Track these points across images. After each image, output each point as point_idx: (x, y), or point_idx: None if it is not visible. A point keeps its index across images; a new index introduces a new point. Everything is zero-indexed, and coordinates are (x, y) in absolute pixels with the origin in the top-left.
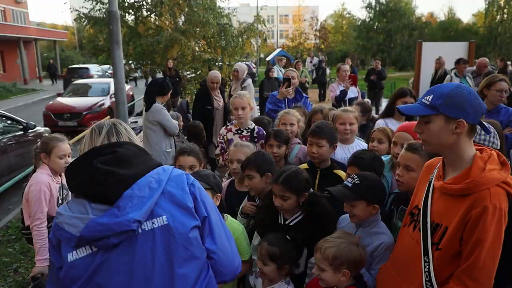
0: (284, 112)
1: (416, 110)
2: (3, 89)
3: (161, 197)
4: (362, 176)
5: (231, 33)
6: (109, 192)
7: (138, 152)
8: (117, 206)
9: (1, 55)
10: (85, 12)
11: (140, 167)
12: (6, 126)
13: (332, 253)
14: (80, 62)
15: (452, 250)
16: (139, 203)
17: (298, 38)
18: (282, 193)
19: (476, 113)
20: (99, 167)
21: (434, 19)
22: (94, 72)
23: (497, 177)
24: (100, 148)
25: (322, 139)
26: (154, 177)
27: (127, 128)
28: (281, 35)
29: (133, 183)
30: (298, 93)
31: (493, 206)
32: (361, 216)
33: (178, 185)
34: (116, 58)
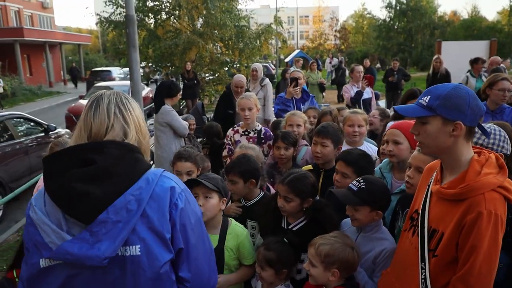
0: (290, 114)
1: (412, 111)
2: (29, 92)
3: (139, 221)
4: (368, 180)
5: (249, 35)
6: (81, 217)
7: (122, 156)
8: (90, 231)
9: (28, 59)
10: (106, 16)
11: (121, 181)
12: (28, 128)
13: (325, 251)
14: (103, 65)
15: (448, 256)
16: (114, 230)
17: (318, 39)
18: (286, 194)
19: (474, 115)
20: (73, 187)
21: (457, 18)
22: (116, 74)
23: (492, 182)
24: (83, 149)
25: (327, 139)
26: (135, 194)
27: (132, 106)
28: (301, 36)
29: (110, 204)
30: (305, 93)
31: (488, 212)
32: (363, 221)
33: (159, 207)
34: (132, 61)
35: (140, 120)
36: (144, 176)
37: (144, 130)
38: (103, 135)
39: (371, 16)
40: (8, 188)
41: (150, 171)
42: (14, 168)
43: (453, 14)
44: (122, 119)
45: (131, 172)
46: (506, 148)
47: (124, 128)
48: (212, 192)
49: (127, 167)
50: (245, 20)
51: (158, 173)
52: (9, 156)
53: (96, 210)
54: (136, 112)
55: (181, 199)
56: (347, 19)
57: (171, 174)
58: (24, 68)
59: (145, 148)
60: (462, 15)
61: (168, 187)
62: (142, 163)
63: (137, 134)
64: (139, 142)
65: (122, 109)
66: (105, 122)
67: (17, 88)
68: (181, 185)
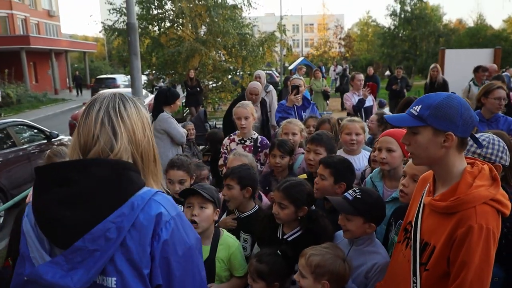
0: (286, 122)
1: (402, 121)
2: (34, 99)
3: (119, 251)
4: (364, 191)
5: (252, 42)
6: (57, 242)
7: (105, 177)
8: (66, 256)
9: (34, 66)
10: (109, 24)
11: (101, 206)
12: (31, 135)
13: (316, 261)
14: (108, 73)
15: (440, 271)
16: (90, 259)
17: (323, 46)
18: (281, 201)
19: (466, 125)
20: (50, 209)
21: (463, 26)
22: (120, 82)
23: (484, 195)
24: (66, 167)
25: (320, 146)
26: (116, 221)
27: (128, 112)
28: (306, 43)
29: (86, 231)
30: (306, 100)
31: (479, 226)
32: (355, 232)
33: (141, 238)
34: (134, 69)
35: (136, 128)
36: (130, 201)
37: (139, 139)
38: (91, 147)
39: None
40: (9, 195)
41: (137, 194)
42: (16, 175)
43: (459, 22)
44: (110, 129)
45: (114, 196)
46: (504, 158)
47: (111, 140)
48: (208, 203)
49: (110, 189)
50: (248, 28)
51: (147, 196)
52: (11, 163)
53: (71, 237)
54: (132, 118)
55: (167, 228)
56: (352, 27)
57: (164, 197)
58: (30, 75)
59: (143, 160)
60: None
61: (154, 214)
62: (130, 183)
63: (130, 145)
64: (133, 155)
65: (112, 117)
66: (91, 133)
67: (23, 95)
68: (172, 210)
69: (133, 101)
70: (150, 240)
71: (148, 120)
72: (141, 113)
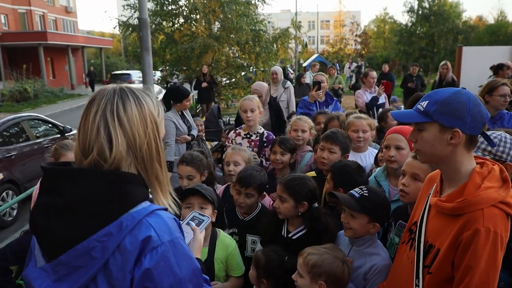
0: (296, 118)
1: (408, 117)
2: (51, 94)
3: (102, 272)
4: (371, 190)
5: (265, 39)
6: (44, 253)
7: (96, 190)
8: (52, 266)
9: (51, 62)
10: (124, 20)
11: (88, 221)
12: (45, 130)
13: (313, 261)
14: (124, 68)
15: (443, 274)
16: (75, 274)
17: (339, 43)
18: (281, 194)
19: (475, 122)
20: (38, 218)
21: (483, 23)
22: (135, 78)
23: (493, 197)
24: (59, 174)
25: (335, 145)
26: (101, 241)
27: (128, 114)
28: (322, 40)
29: (70, 247)
30: (329, 96)
31: (486, 230)
32: (358, 231)
33: (123, 264)
34: (145, 64)
35: (137, 132)
36: (119, 220)
37: (140, 144)
38: (87, 154)
39: (392, 21)
40: (23, 188)
41: (130, 213)
42: (29, 169)
43: (479, 19)
44: (106, 137)
45: (103, 212)
46: None
47: (105, 149)
48: (207, 203)
49: (99, 204)
50: (262, 24)
51: (139, 216)
52: (25, 157)
53: (56, 250)
54: (132, 121)
55: (152, 256)
56: (369, 24)
57: (160, 218)
58: (48, 71)
59: (146, 167)
60: (488, 20)
61: (141, 239)
62: (123, 199)
63: (130, 152)
64: (135, 162)
65: (109, 122)
66: (87, 140)
67: (40, 90)
68: (165, 235)
69: (136, 98)
70: (133, 266)
71: (155, 118)
72: (144, 112)
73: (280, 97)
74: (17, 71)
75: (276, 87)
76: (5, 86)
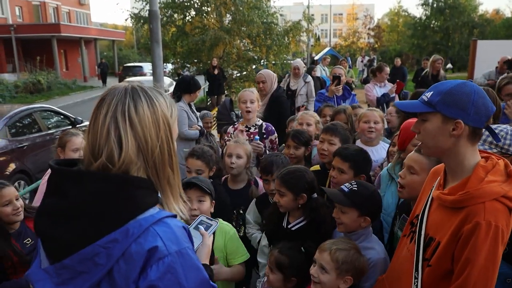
0: (303, 112)
1: (412, 107)
2: (64, 86)
3: (106, 279)
4: (360, 184)
5: (276, 31)
6: (48, 256)
7: (103, 194)
8: (56, 269)
9: (64, 54)
10: (135, 12)
11: (92, 226)
12: (56, 121)
13: (343, 257)
14: (136, 61)
15: (443, 268)
16: (79, 279)
17: (352, 37)
18: (279, 188)
19: (479, 114)
20: (41, 220)
21: (500, 16)
22: (147, 70)
23: (495, 191)
24: (64, 176)
25: (335, 136)
26: (106, 247)
27: (140, 115)
28: (334, 34)
29: (74, 252)
30: (346, 91)
31: (487, 223)
32: (349, 225)
33: (127, 272)
34: (156, 56)
35: (149, 134)
36: (125, 226)
37: (152, 147)
38: (96, 156)
39: (406, 14)
40: (34, 179)
41: (137, 219)
42: (41, 159)
43: (495, 12)
44: (116, 139)
45: (109, 218)
46: None
47: (114, 153)
48: (206, 195)
49: (105, 209)
50: (273, 16)
51: (146, 224)
52: (37, 148)
53: (59, 254)
54: (144, 123)
55: (158, 267)
56: (382, 17)
57: (168, 226)
58: (61, 62)
59: (157, 171)
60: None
61: (147, 248)
62: (131, 204)
63: (141, 155)
64: (145, 166)
65: (120, 124)
66: (97, 142)
67: (53, 82)
68: (173, 245)
69: (149, 98)
70: (137, 276)
71: (168, 120)
72: (157, 113)
73: (300, 90)
74: (31, 62)
75: (297, 80)
76: (19, 78)
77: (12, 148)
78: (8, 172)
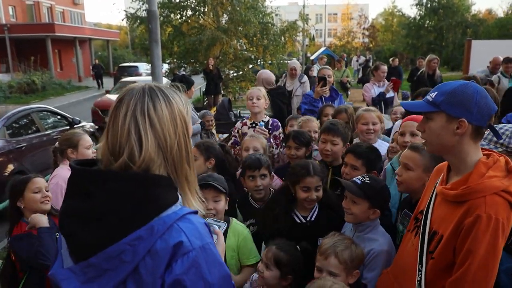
0: (306, 119)
1: (417, 107)
2: (58, 86)
3: (131, 276)
4: (372, 178)
5: (273, 31)
6: (73, 255)
7: (126, 194)
8: (81, 267)
9: (58, 54)
10: (132, 12)
11: (117, 225)
12: (54, 121)
13: (348, 256)
14: (131, 61)
15: (446, 260)
16: (104, 276)
17: (346, 37)
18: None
19: (481, 114)
20: (65, 221)
21: (492, 16)
22: (143, 70)
23: (496, 185)
24: (86, 177)
25: (337, 136)
26: (132, 244)
27: (158, 114)
28: (329, 34)
29: (100, 250)
30: (334, 91)
31: (487, 216)
32: (359, 216)
33: (154, 269)
34: (154, 56)
35: (167, 132)
36: (150, 224)
37: (171, 144)
38: (117, 156)
39: (401, 14)
40: None
41: (161, 217)
42: (39, 160)
43: (488, 12)
44: (137, 138)
45: (133, 216)
46: None
47: (135, 151)
48: (221, 194)
49: (129, 208)
50: (269, 16)
51: (170, 221)
52: (35, 148)
53: (85, 253)
54: (163, 121)
55: (183, 262)
56: (377, 17)
57: (190, 222)
58: (55, 62)
59: (176, 169)
60: (498, 13)
61: (172, 244)
62: (154, 202)
63: (161, 153)
64: (165, 164)
65: (140, 123)
66: (118, 141)
67: (48, 82)
68: (196, 241)
69: (166, 97)
70: (163, 271)
71: (185, 117)
72: (174, 111)
73: (296, 91)
74: (25, 63)
75: (293, 81)
76: (13, 78)
77: (10, 148)
78: (6, 173)
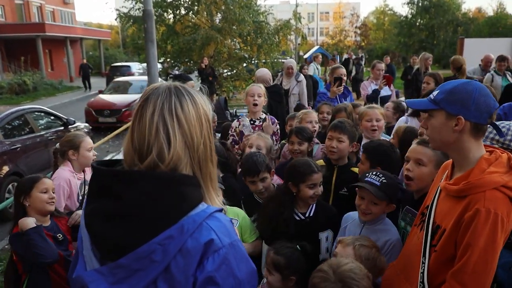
0: (306, 111)
1: (419, 104)
2: (50, 86)
3: (162, 275)
4: (386, 175)
5: (267, 30)
6: (102, 256)
7: (156, 194)
8: (110, 268)
9: (49, 54)
10: (125, 11)
11: (148, 225)
12: (48, 122)
13: (365, 254)
14: (123, 60)
15: (447, 253)
16: (134, 277)
17: (338, 35)
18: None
19: (480, 111)
20: (94, 222)
21: (482, 15)
22: (135, 70)
23: (496, 180)
24: (113, 177)
25: (343, 134)
26: (163, 243)
27: (186, 113)
28: (321, 32)
29: (130, 250)
30: (345, 89)
31: (487, 210)
32: (378, 215)
33: (186, 267)
34: (150, 56)
35: (194, 131)
36: (180, 223)
37: (197, 143)
38: (144, 156)
39: (392, 13)
40: None
41: (190, 216)
42: (34, 161)
43: (478, 11)
44: (165, 137)
45: (163, 216)
46: None
47: (164, 150)
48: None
49: (159, 208)
50: (263, 15)
51: (199, 219)
52: (29, 149)
53: (115, 253)
54: (189, 120)
55: (214, 259)
56: (368, 15)
57: (219, 220)
58: (46, 63)
59: (201, 168)
60: (487, 12)
61: (203, 242)
62: (183, 201)
63: (188, 152)
64: (191, 163)
65: (168, 122)
66: (146, 140)
67: (39, 82)
68: (225, 238)
69: (191, 96)
70: (195, 269)
71: (209, 117)
72: (199, 111)
73: (293, 90)
74: (15, 63)
75: (289, 79)
76: (3, 79)
77: (4, 150)
78: (1, 174)
